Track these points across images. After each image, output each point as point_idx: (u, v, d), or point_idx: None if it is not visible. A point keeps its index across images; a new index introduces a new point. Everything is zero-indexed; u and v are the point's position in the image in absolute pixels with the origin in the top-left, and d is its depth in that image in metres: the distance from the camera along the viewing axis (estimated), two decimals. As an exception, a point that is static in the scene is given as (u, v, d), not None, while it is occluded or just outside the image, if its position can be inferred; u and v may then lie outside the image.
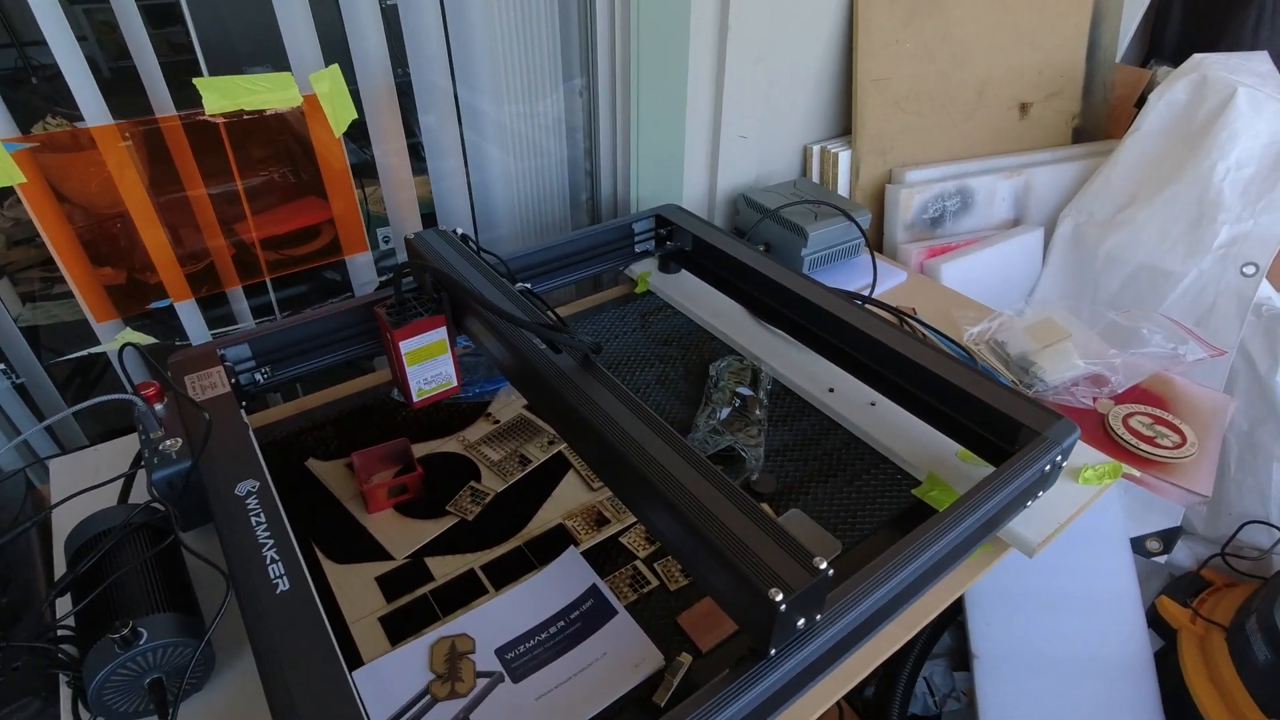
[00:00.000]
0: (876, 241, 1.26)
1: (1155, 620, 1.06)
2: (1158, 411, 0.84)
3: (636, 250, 1.05)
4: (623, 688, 0.55)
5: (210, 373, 0.70)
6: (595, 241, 1.00)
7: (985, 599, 1.04)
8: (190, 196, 0.86)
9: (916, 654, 1.13)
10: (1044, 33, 1.25)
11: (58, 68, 0.73)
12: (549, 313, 0.69)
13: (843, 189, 1.23)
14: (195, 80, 0.76)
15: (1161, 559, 1.07)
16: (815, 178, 1.25)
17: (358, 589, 0.63)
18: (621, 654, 0.58)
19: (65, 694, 0.53)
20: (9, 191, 0.74)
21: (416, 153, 1.04)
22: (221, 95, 0.77)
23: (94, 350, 0.84)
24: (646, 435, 0.54)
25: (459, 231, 0.84)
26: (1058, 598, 1.02)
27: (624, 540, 0.68)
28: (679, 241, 1.01)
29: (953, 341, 0.94)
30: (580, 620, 0.61)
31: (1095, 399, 0.86)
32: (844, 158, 1.21)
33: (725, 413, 0.79)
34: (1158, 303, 1.08)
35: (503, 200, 1.12)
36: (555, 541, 0.68)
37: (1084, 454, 0.74)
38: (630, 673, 0.56)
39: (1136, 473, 0.75)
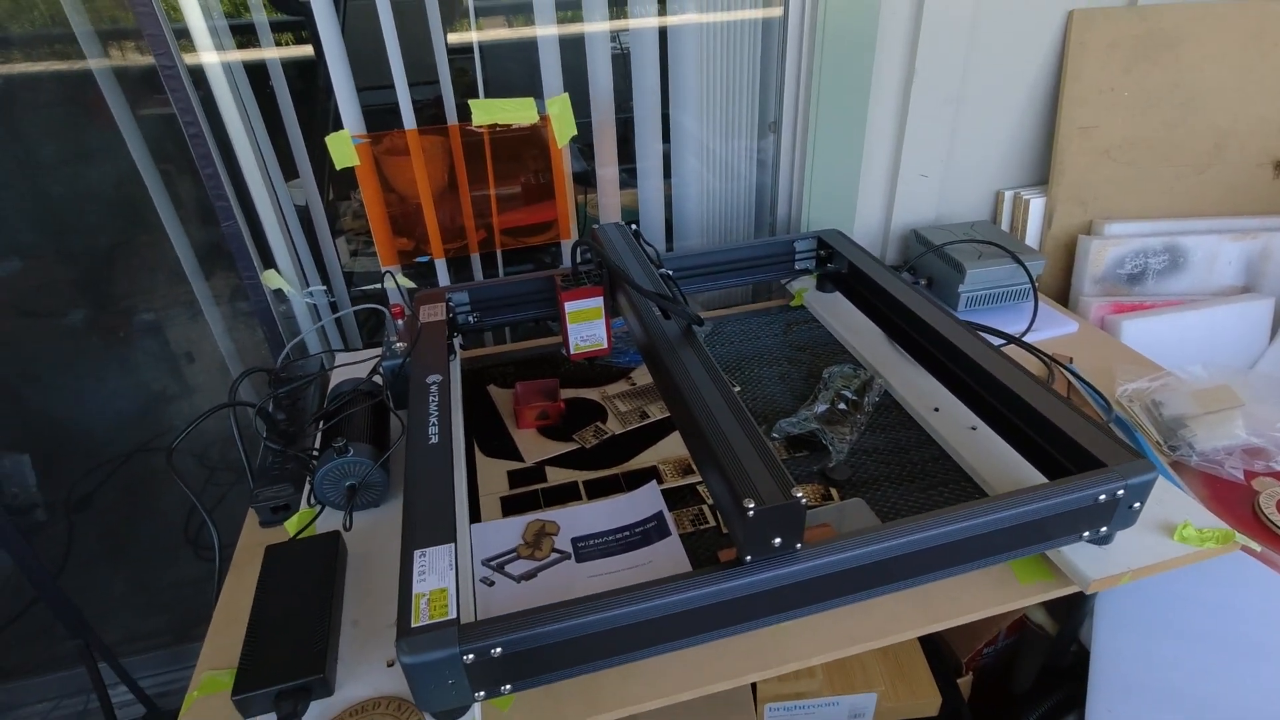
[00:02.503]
0: (1062, 292, 1.21)
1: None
2: (1332, 501, 0.74)
3: (796, 267, 1.15)
4: (655, 586, 0.68)
5: (437, 306, 0.97)
6: (758, 253, 1.13)
7: (1114, 687, 0.95)
8: (460, 190, 1.16)
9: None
10: (1314, 85, 1.11)
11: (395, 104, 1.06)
12: (674, 291, 0.84)
13: (1033, 237, 1.21)
14: (470, 101, 1.05)
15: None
16: (1005, 223, 1.24)
17: (493, 475, 0.84)
18: (662, 565, 0.71)
19: (306, 487, 0.80)
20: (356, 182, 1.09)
21: (630, 171, 1.26)
22: (484, 113, 1.05)
23: (375, 288, 1.18)
24: (706, 384, 0.67)
25: (634, 227, 1.02)
26: (1215, 709, 0.90)
27: (700, 489, 0.80)
28: (837, 265, 1.10)
29: (1097, 393, 0.91)
30: (641, 535, 0.74)
31: (1250, 474, 0.78)
32: (1036, 205, 1.19)
33: (822, 408, 0.87)
34: (1405, 396, 0.90)
35: (694, 213, 1.29)
36: (646, 477, 0.82)
37: (1194, 515, 0.70)
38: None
39: (1257, 547, 0.68)
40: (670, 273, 0.89)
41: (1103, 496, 0.62)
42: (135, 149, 1.01)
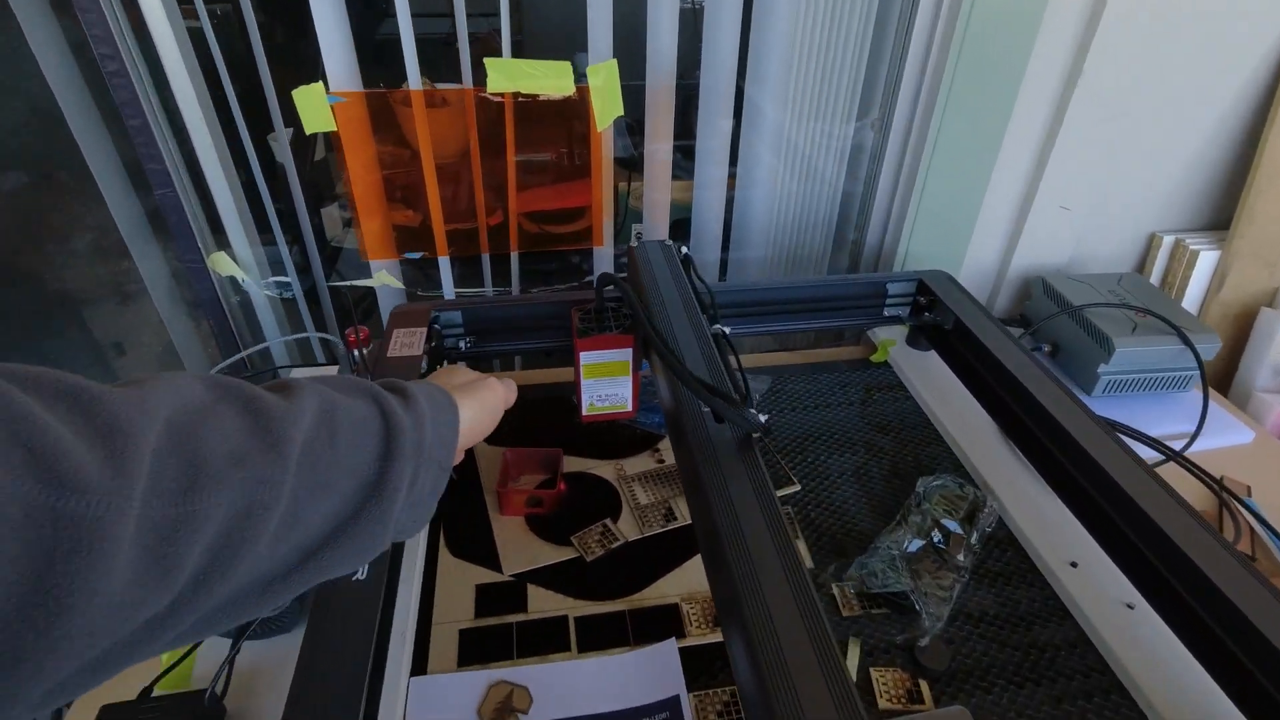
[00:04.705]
0: (1225, 378, 0.94)
1: None
2: None
3: (885, 314, 0.90)
4: (659, 835, 0.46)
5: (415, 331, 0.73)
6: (838, 292, 0.88)
7: None
8: (474, 163, 0.91)
9: None
10: None
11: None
12: (735, 368, 0.60)
13: (1192, 300, 0.94)
14: (486, 60, 0.79)
15: None
16: (1157, 275, 0.97)
17: (458, 589, 0.62)
18: (675, 792, 0.49)
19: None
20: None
21: (687, 153, 1.01)
22: (504, 76, 0.80)
23: (357, 283, 0.95)
24: (758, 528, 0.44)
25: (684, 250, 0.78)
26: None
27: (736, 652, 0.58)
28: (938, 317, 0.85)
29: (1298, 557, 0.66)
30: (648, 729, 0.52)
31: None
32: (1206, 258, 0.91)
33: (916, 545, 0.63)
34: None
35: (762, 220, 1.04)
36: (662, 621, 0.60)
37: None
38: (675, 821, 0.47)
39: None
40: (727, 333, 0.65)
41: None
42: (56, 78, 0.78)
